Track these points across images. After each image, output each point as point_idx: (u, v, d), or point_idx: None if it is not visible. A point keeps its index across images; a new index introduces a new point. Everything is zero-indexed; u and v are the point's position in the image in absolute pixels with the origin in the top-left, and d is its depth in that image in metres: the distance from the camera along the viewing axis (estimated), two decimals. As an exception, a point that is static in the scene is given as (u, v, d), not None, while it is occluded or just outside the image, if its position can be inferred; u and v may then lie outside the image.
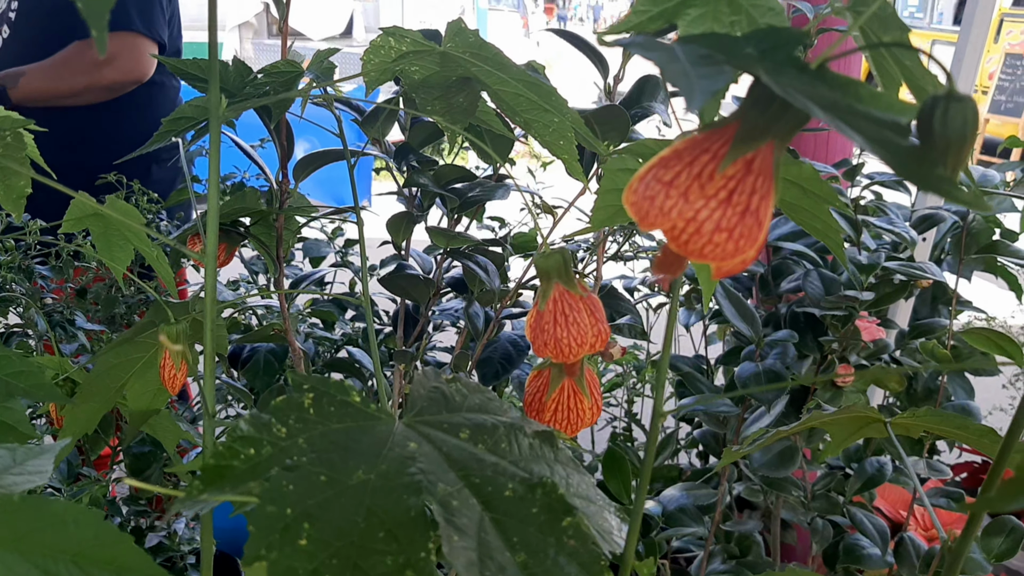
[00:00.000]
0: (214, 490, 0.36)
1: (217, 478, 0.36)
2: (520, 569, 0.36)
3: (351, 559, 0.34)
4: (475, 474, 0.39)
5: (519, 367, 1.37)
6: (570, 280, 0.48)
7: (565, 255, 0.48)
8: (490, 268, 0.98)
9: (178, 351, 0.63)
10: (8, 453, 0.39)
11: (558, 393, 0.52)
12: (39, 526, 0.36)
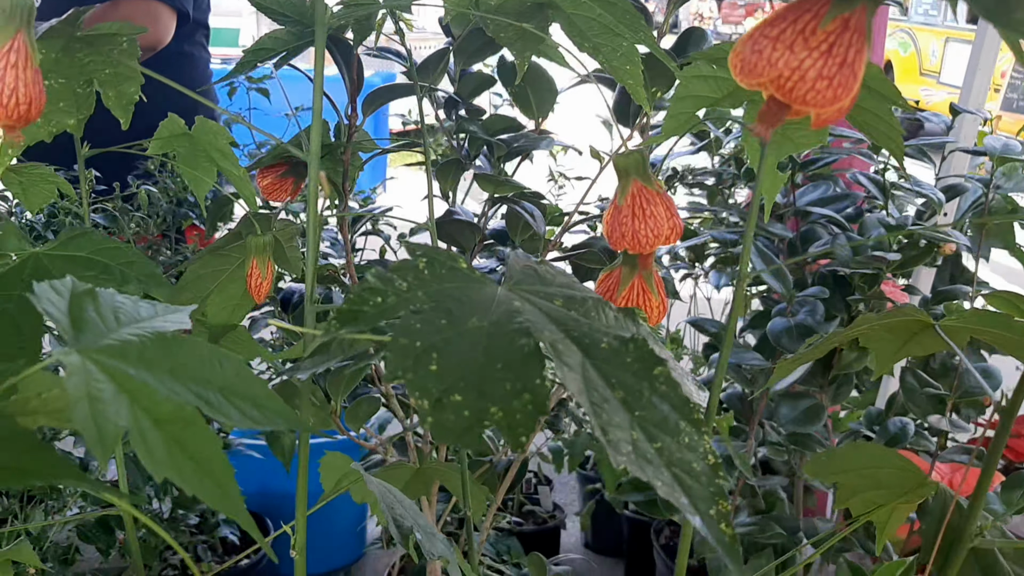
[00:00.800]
0: (349, 327, 0.40)
1: (351, 319, 0.40)
2: (620, 403, 0.40)
3: (475, 384, 0.38)
4: (573, 329, 0.43)
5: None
6: (647, 177, 0.52)
7: (644, 154, 0.52)
8: (536, 214, 1.02)
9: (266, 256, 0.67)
10: (151, 306, 0.44)
11: (628, 291, 0.56)
12: (191, 361, 0.40)
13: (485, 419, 0.37)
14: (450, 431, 0.36)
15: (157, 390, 0.38)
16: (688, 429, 0.41)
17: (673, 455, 0.39)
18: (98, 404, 0.35)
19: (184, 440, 0.37)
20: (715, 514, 0.38)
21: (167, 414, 0.38)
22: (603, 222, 0.54)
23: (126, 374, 0.38)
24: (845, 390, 1.55)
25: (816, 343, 0.62)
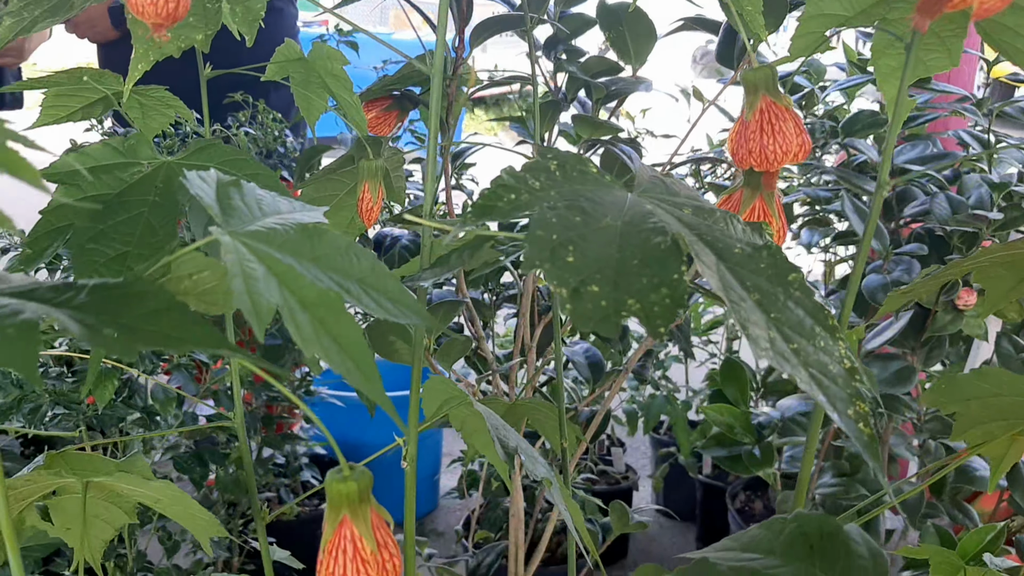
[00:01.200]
0: (483, 219, 0.40)
1: (486, 212, 0.41)
2: (756, 304, 0.40)
3: (611, 278, 0.38)
4: (706, 234, 0.43)
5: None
6: (777, 92, 0.51)
7: (774, 69, 0.51)
8: (634, 156, 1.01)
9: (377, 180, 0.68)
10: (288, 202, 0.45)
11: (748, 214, 0.56)
12: (331, 252, 0.41)
13: (622, 310, 0.37)
14: (588, 319, 0.36)
15: (303, 275, 0.39)
16: (823, 333, 0.40)
17: (809, 356, 0.39)
18: (252, 281, 0.36)
19: (328, 323, 0.38)
20: (853, 414, 0.37)
21: (312, 298, 0.39)
22: (728, 140, 0.53)
23: (273, 257, 0.39)
24: (937, 353, 1.51)
25: (933, 272, 0.60)
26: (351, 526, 0.39)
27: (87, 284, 0.36)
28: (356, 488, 0.40)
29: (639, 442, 3.21)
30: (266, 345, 1.62)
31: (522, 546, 1.23)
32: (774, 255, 0.43)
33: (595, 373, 1.31)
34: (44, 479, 0.54)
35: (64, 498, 0.60)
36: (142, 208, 0.55)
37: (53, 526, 0.61)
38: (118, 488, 0.58)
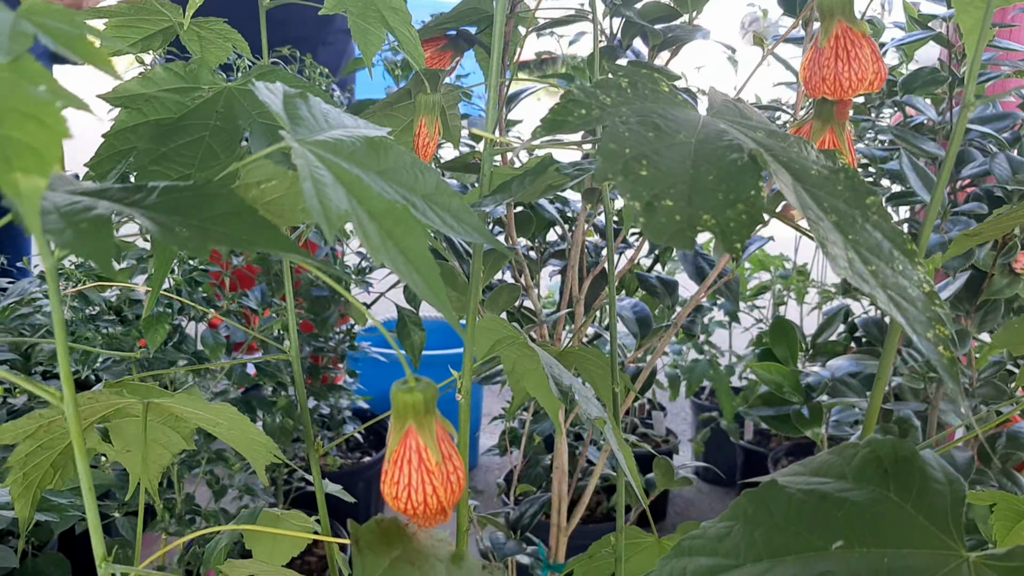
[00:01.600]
0: (554, 132, 0.39)
1: (556, 127, 0.40)
2: (834, 226, 0.38)
3: (685, 193, 0.37)
4: (781, 155, 0.41)
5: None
6: (853, 17, 0.50)
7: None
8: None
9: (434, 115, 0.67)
10: (352, 118, 0.44)
11: (819, 145, 0.54)
12: (398, 166, 0.41)
13: (697, 224, 0.36)
14: (662, 232, 0.36)
15: (370, 186, 0.38)
16: (901, 258, 0.39)
17: (888, 279, 0.38)
18: (321, 186, 0.36)
19: (395, 234, 0.38)
20: (932, 337, 0.36)
21: (380, 209, 0.38)
22: (800, 68, 0.51)
23: (341, 167, 0.38)
24: (992, 317, 1.48)
25: (1004, 213, 0.58)
26: (416, 436, 0.39)
27: (157, 186, 0.36)
28: (422, 398, 0.39)
29: (680, 407, 3.20)
30: (313, 296, 1.63)
31: (565, 498, 1.23)
32: (851, 178, 0.41)
33: (642, 328, 1.30)
34: (106, 398, 0.55)
35: (124, 421, 0.61)
36: (203, 132, 0.55)
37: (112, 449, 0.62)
38: (177, 411, 0.58)
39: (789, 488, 0.37)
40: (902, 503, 0.36)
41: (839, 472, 0.38)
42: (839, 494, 0.37)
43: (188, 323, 1.50)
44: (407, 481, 0.39)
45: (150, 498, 1.40)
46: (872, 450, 0.38)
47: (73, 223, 0.32)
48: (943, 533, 0.35)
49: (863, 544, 0.35)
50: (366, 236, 0.37)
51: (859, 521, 0.36)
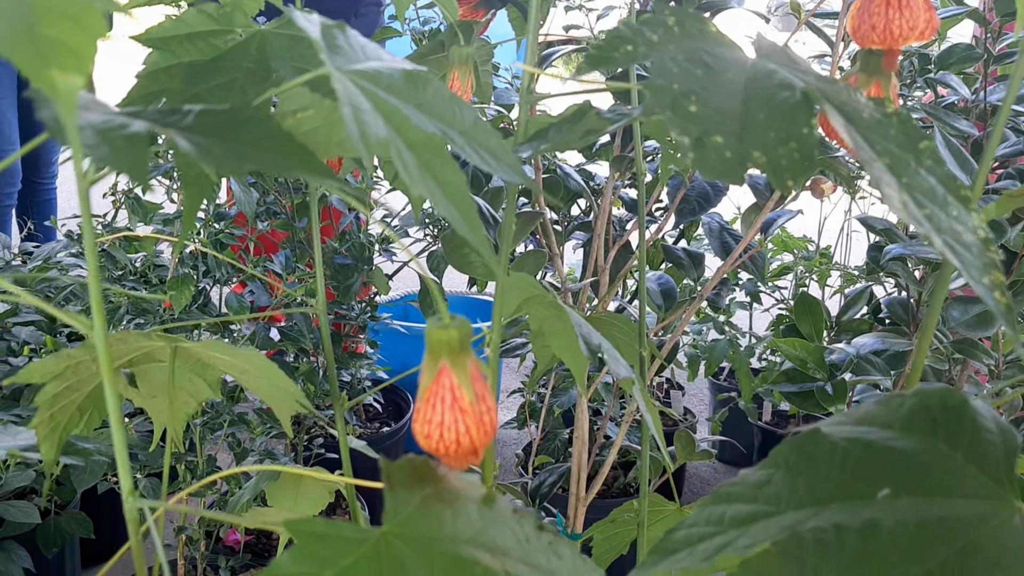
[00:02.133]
0: (598, 67, 0.38)
1: (600, 62, 0.39)
2: (887, 168, 0.37)
3: (735, 130, 0.36)
4: (832, 97, 0.40)
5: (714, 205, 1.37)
6: (906, -37, 0.48)
7: (904, -63, 0.48)
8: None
9: (467, 67, 0.66)
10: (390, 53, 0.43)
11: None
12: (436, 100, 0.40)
13: (748, 161, 0.35)
14: (713, 168, 0.34)
15: (409, 117, 0.37)
16: (955, 203, 0.38)
17: (942, 224, 0.36)
18: (360, 112, 0.35)
19: (433, 166, 0.37)
20: (989, 283, 0.35)
21: (418, 140, 0.37)
22: (848, 17, 0.50)
23: (379, 97, 0.37)
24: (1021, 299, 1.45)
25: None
26: (450, 375, 0.38)
27: (194, 109, 0.35)
28: (457, 335, 0.39)
29: (698, 387, 3.19)
30: (336, 264, 1.63)
31: (585, 467, 1.23)
32: (904, 122, 0.40)
33: (667, 301, 1.29)
34: (134, 340, 0.54)
35: (151, 366, 0.60)
36: (236, 74, 0.54)
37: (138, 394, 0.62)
38: (205, 356, 0.58)
39: (833, 436, 0.36)
40: (952, 452, 0.35)
41: (885, 421, 0.37)
42: (885, 443, 0.36)
43: (213, 287, 1.50)
44: (440, 420, 0.38)
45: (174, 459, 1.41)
46: (920, 399, 0.36)
47: (109, 139, 0.31)
48: (995, 483, 0.34)
49: (910, 493, 0.34)
50: (404, 166, 0.36)
51: (906, 470, 0.34)
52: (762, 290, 2.65)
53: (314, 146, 0.45)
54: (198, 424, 1.44)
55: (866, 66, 0.52)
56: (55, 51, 0.25)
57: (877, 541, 0.32)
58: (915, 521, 0.32)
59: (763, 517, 0.34)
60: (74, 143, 0.28)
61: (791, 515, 0.34)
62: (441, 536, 0.36)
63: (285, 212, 1.63)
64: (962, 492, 0.33)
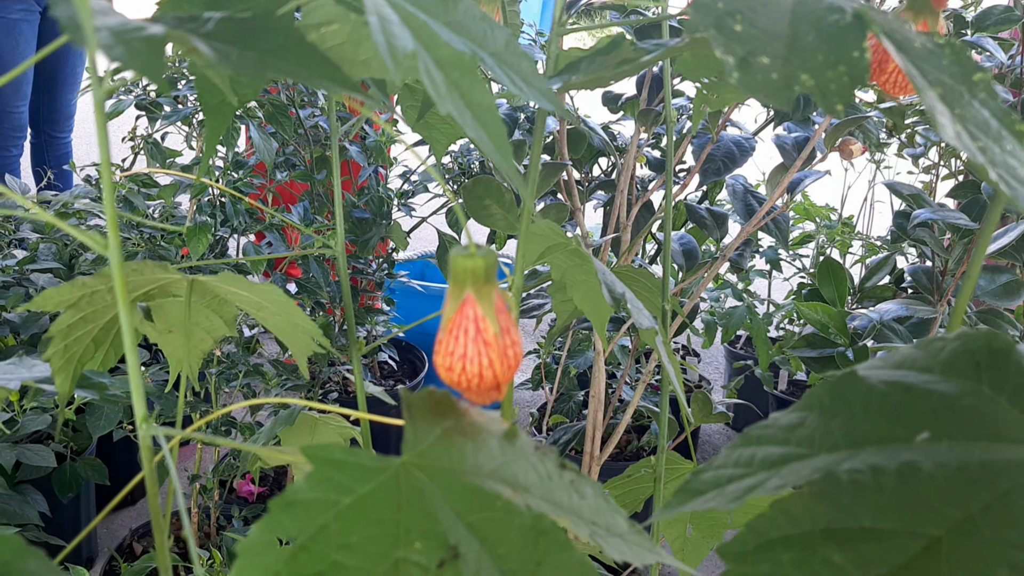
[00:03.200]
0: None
1: (641, -19, 0.37)
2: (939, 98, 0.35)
3: (781, 52, 0.34)
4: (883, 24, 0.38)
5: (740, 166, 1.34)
6: None
7: None
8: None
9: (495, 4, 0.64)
10: None
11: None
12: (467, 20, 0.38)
13: (795, 83, 0.33)
14: (759, 89, 0.33)
15: (438, 34, 0.36)
16: (1010, 138, 0.36)
17: (996, 157, 0.35)
18: (387, 23, 0.33)
19: (462, 86, 0.36)
20: (1045, 220, 0.33)
21: (447, 58, 0.36)
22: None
23: (407, 11, 0.36)
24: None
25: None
26: (475, 306, 0.37)
27: (214, 16, 0.33)
28: (483, 264, 0.37)
29: (713, 355, 3.18)
30: (354, 217, 1.62)
31: (600, 427, 1.22)
32: (958, 53, 0.38)
33: (688, 261, 1.27)
34: (151, 271, 0.53)
35: (167, 301, 0.59)
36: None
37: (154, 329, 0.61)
38: (222, 292, 0.57)
39: (870, 379, 0.35)
40: (996, 396, 0.33)
41: (925, 365, 0.35)
42: (925, 386, 0.34)
43: (230, 236, 1.50)
44: (462, 352, 0.37)
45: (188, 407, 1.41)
46: (963, 343, 0.35)
47: (125, 40, 0.29)
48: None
49: (951, 437, 0.32)
50: (433, 83, 0.34)
51: (947, 413, 0.33)
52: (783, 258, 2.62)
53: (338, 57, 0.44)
54: (213, 374, 1.44)
55: (914, 4, 0.50)
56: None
57: (915, 483, 0.31)
58: (956, 464, 0.31)
59: (795, 459, 0.33)
60: (90, 39, 0.27)
61: (825, 457, 0.33)
62: (462, 468, 0.35)
63: (304, 164, 1.61)
64: (1007, 436, 0.32)
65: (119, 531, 1.91)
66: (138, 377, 0.39)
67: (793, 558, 0.30)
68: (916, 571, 0.29)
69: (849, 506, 0.30)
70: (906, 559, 0.29)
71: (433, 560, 0.31)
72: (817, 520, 0.30)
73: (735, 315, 2.43)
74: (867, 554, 0.29)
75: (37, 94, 3.03)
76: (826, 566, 0.29)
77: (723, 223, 1.26)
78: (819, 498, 0.31)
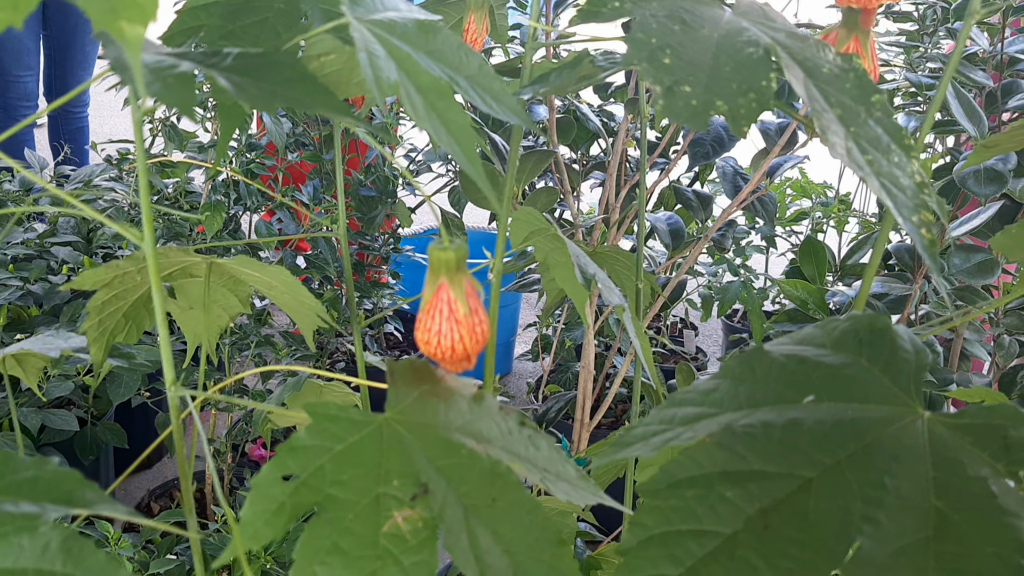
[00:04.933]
0: (588, 21, 0.43)
1: (590, 16, 0.44)
2: (837, 118, 0.42)
3: (703, 80, 0.41)
4: (797, 53, 0.45)
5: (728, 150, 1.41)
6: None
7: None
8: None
9: (483, 12, 0.71)
10: (405, 2, 0.49)
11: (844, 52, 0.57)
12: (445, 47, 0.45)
13: (711, 109, 0.40)
14: (679, 114, 0.40)
15: (419, 63, 0.43)
16: (898, 151, 0.43)
17: (882, 168, 0.42)
18: (375, 57, 0.40)
19: (438, 107, 0.43)
20: (917, 220, 0.40)
21: (426, 83, 0.43)
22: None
23: (393, 44, 0.43)
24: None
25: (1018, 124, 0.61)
26: (448, 290, 0.44)
27: (232, 52, 0.40)
28: (455, 256, 0.45)
29: (712, 328, 3.25)
30: (361, 195, 1.69)
31: (590, 396, 1.30)
32: (860, 77, 0.45)
33: (675, 240, 1.34)
34: (175, 255, 0.61)
35: (188, 281, 0.67)
36: (268, 13, 0.59)
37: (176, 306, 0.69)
38: (238, 272, 0.64)
39: (773, 352, 0.42)
40: (871, 367, 0.40)
41: (820, 341, 0.42)
42: (817, 358, 0.41)
43: (243, 214, 1.57)
44: (437, 328, 0.44)
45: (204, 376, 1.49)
46: (852, 323, 0.42)
47: (162, 77, 0.37)
48: (904, 393, 0.39)
49: (832, 399, 0.40)
50: (412, 106, 0.41)
51: (831, 380, 0.40)
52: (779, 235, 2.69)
53: (335, 86, 0.51)
54: (227, 344, 1.52)
55: (846, 22, 0.57)
56: (124, 5, 0.30)
57: (797, 436, 0.38)
58: (832, 421, 0.38)
59: (706, 417, 0.40)
60: (138, 81, 0.34)
61: (729, 415, 0.40)
62: (435, 423, 0.43)
63: (313, 144, 1.68)
64: (875, 399, 0.39)
65: (136, 492, 2.00)
66: (168, 347, 0.47)
67: (696, 494, 0.37)
68: (791, 504, 0.36)
69: (742, 453, 0.38)
70: (784, 495, 0.37)
71: (408, 494, 0.39)
72: (716, 464, 0.38)
73: (730, 289, 2.50)
74: (753, 491, 0.37)
75: (50, 67, 3.10)
76: (720, 500, 0.37)
77: (708, 204, 1.33)
78: (718, 446, 0.38)
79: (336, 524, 0.39)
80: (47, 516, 0.39)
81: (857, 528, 0.35)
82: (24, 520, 0.38)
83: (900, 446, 0.37)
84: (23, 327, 1.59)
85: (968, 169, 1.27)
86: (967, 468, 0.36)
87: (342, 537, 0.38)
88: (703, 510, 0.37)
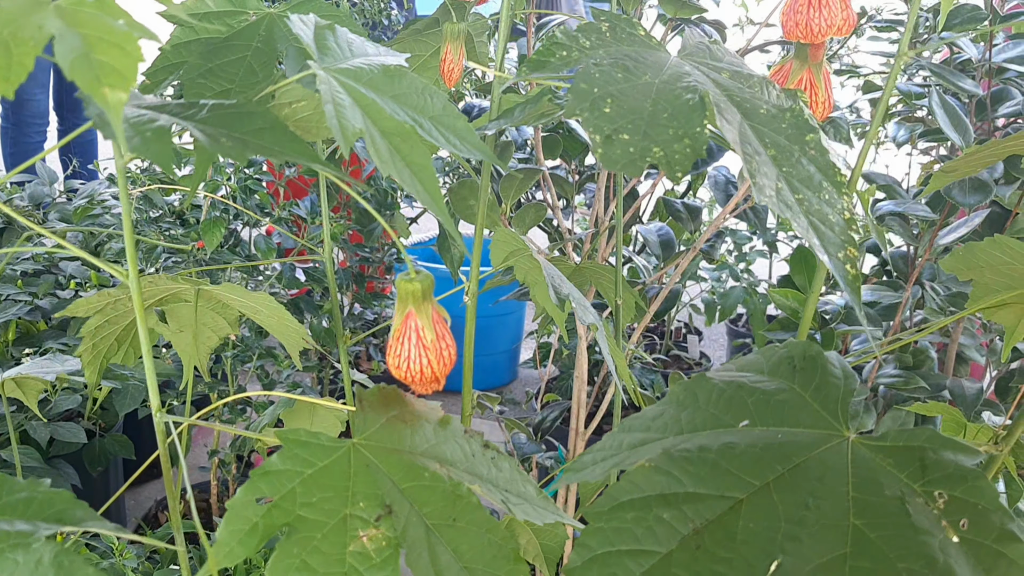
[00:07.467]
0: (536, 73, 0.46)
1: (539, 67, 0.47)
2: (770, 159, 0.45)
3: (641, 128, 0.44)
4: (736, 94, 0.48)
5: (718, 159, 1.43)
6: (826, -30, 0.55)
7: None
8: (713, 34, 1.04)
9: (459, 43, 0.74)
10: (375, 46, 0.52)
11: (797, 83, 0.60)
12: (409, 91, 0.48)
13: (647, 156, 0.43)
14: (616, 162, 0.43)
15: (383, 108, 0.46)
16: (829, 188, 0.46)
17: (812, 206, 0.44)
18: (340, 108, 0.43)
19: (403, 150, 0.46)
20: (843, 257, 0.43)
21: (391, 128, 0.46)
22: (781, 14, 0.57)
23: (359, 91, 0.46)
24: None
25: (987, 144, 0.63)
26: (415, 318, 0.47)
27: (207, 104, 0.44)
28: (420, 287, 0.48)
29: (717, 333, 3.27)
30: (360, 208, 1.72)
31: (584, 405, 1.32)
32: (796, 116, 0.48)
33: (665, 251, 1.37)
34: (163, 282, 0.64)
35: (178, 305, 0.70)
36: (246, 52, 0.63)
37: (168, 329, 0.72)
38: (224, 298, 0.68)
39: (715, 379, 0.45)
40: (803, 393, 0.43)
41: (759, 367, 0.45)
42: (753, 384, 0.44)
43: (243, 228, 1.61)
44: (407, 354, 0.48)
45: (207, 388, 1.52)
46: (788, 350, 0.45)
47: (140, 131, 0.40)
48: (831, 417, 0.42)
49: (765, 424, 0.42)
50: (377, 151, 0.44)
51: (765, 406, 0.43)
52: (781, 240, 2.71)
53: (306, 130, 0.54)
54: (229, 356, 1.56)
55: (798, 55, 0.60)
56: (106, 73, 0.33)
57: (730, 458, 0.41)
58: (762, 444, 0.41)
59: (651, 442, 0.43)
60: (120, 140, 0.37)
61: (671, 439, 0.43)
62: (400, 447, 0.46)
63: (312, 158, 1.71)
64: (805, 423, 0.42)
65: (145, 502, 2.04)
66: (152, 374, 0.50)
67: (635, 516, 0.40)
68: (722, 524, 0.39)
69: (678, 476, 0.41)
70: (716, 515, 0.40)
71: (373, 515, 0.42)
72: (654, 487, 0.41)
73: (732, 295, 2.53)
74: (688, 512, 0.40)
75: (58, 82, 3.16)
76: (658, 521, 0.40)
77: (696, 215, 1.35)
78: (656, 470, 0.41)
79: (305, 543, 0.42)
80: (39, 533, 0.42)
81: (780, 547, 0.38)
82: (19, 537, 0.41)
83: (824, 467, 0.40)
84: (32, 341, 1.63)
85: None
86: (885, 488, 0.39)
87: (311, 555, 0.41)
88: (641, 531, 0.40)
